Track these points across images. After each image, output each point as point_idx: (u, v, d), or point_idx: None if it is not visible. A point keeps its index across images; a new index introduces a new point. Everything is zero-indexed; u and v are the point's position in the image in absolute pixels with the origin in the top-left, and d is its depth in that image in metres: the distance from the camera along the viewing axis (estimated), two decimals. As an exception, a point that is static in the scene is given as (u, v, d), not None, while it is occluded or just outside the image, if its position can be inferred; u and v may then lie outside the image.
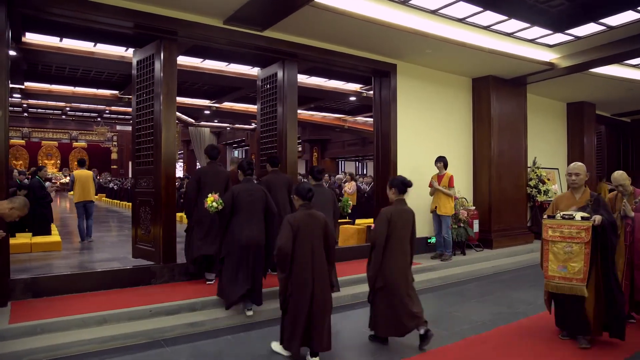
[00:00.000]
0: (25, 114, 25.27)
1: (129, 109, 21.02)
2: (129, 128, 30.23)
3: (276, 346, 4.13)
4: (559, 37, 7.28)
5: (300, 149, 27.85)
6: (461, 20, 6.66)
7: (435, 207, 7.57)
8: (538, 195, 9.62)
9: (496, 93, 8.97)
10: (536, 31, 7.06)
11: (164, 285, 5.75)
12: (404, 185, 4.32)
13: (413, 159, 8.19)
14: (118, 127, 31.76)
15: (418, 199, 8.08)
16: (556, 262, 4.15)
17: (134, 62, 6.62)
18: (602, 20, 6.53)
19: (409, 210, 4.35)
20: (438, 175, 7.66)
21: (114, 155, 34.71)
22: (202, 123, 22.56)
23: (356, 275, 6.36)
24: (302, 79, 11.69)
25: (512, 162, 9.29)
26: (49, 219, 8.47)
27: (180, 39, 6.15)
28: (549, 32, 6.99)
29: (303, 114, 17.81)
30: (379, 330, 4.31)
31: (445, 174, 7.58)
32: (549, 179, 10.19)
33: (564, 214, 4.21)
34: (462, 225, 7.99)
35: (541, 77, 8.70)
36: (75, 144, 34.70)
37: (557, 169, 11.13)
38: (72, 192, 9.29)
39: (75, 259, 7.33)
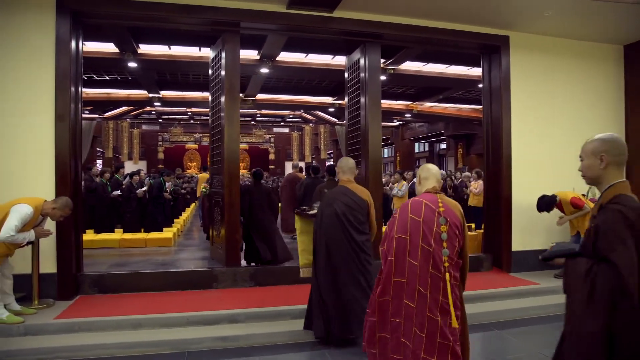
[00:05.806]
0: (192, 121, 28.60)
1: (275, 112, 22.28)
2: (286, 130, 32.20)
3: None
4: None
5: (445, 145, 26.09)
6: (586, -34, 5.02)
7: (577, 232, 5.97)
8: None
9: (661, 61, 6.70)
10: None
11: (222, 291, 5.48)
12: (332, 170, 6.68)
13: (532, 152, 6.60)
14: (275, 130, 33.88)
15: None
16: None
17: (210, 60, 6.55)
18: None
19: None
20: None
21: (271, 156, 37.17)
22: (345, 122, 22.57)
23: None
24: (419, 67, 10.67)
25: (689, 153, 6.84)
26: (157, 218, 9.02)
27: (244, 30, 5.83)
28: None
29: (436, 106, 16.46)
30: None
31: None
32: None
33: None
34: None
35: None
36: (236, 146, 38.16)
37: None
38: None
39: (173, 256, 7.57)
